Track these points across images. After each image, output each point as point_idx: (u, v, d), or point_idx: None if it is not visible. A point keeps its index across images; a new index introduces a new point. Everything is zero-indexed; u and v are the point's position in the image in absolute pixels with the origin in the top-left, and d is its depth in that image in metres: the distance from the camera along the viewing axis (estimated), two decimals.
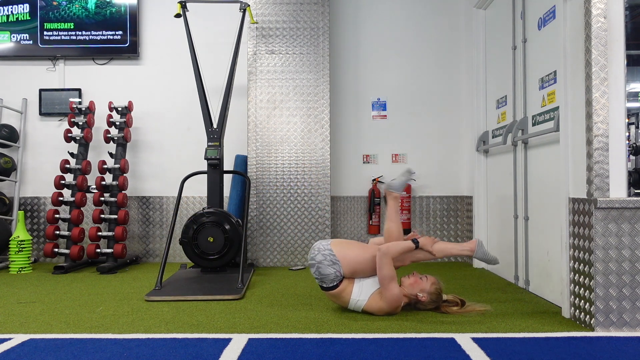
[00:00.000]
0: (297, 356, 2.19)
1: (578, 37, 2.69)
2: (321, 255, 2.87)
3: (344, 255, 2.87)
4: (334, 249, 2.89)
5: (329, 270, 2.85)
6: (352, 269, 2.87)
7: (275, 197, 4.68)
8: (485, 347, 2.30)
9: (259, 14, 4.74)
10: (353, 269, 2.88)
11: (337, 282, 2.87)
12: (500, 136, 4.04)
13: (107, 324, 2.71)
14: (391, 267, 2.78)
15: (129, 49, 5.06)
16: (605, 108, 2.54)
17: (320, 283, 2.91)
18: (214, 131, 4.17)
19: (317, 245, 2.95)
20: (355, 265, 2.87)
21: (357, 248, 2.94)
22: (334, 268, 2.85)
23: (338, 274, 2.85)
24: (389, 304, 2.81)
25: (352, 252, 2.89)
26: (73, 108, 4.86)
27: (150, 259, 5.07)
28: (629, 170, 2.61)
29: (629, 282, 2.52)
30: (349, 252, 2.89)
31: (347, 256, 2.87)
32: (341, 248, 2.91)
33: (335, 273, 2.85)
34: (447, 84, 5.11)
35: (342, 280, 2.88)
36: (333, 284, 2.87)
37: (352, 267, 2.87)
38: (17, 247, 4.41)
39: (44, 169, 5.11)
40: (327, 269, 2.85)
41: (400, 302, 2.84)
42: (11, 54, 5.09)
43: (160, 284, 3.49)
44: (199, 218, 3.92)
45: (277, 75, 4.73)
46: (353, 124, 5.11)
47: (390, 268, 2.77)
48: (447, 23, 5.12)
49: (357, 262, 2.87)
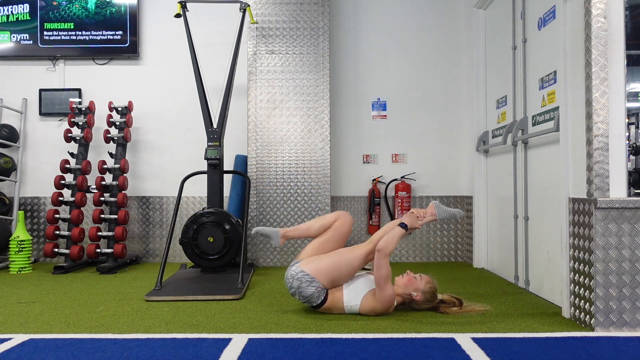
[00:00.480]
0: (297, 356, 2.19)
1: (578, 37, 2.69)
2: (296, 280, 2.82)
3: (317, 270, 2.81)
4: (305, 268, 2.83)
5: (310, 291, 2.81)
6: (329, 279, 2.82)
7: (275, 197, 4.69)
8: (485, 347, 2.30)
9: (259, 14, 4.74)
10: (331, 279, 2.83)
11: (323, 297, 2.84)
12: (500, 136, 4.04)
13: (107, 324, 2.71)
14: (389, 266, 2.75)
15: (129, 49, 5.07)
16: (605, 108, 2.54)
17: (309, 304, 2.88)
18: (214, 131, 4.17)
19: (288, 273, 2.88)
20: (331, 275, 2.82)
21: (328, 257, 2.88)
22: (313, 286, 2.81)
23: (320, 288, 2.82)
24: (382, 304, 2.79)
25: (323, 264, 2.83)
26: (73, 108, 4.86)
27: (150, 259, 5.07)
28: (629, 170, 2.61)
29: (629, 282, 2.52)
30: (320, 265, 2.83)
31: (320, 269, 2.81)
32: (312, 264, 2.84)
33: (316, 289, 2.81)
34: (447, 83, 5.11)
35: (328, 293, 2.85)
36: (320, 300, 2.84)
37: (329, 278, 2.82)
38: (17, 247, 4.41)
39: (44, 169, 5.11)
40: (307, 290, 2.81)
41: (393, 302, 2.82)
42: (11, 54, 5.09)
43: (160, 284, 3.49)
44: (199, 218, 3.92)
45: (277, 75, 4.74)
46: (353, 124, 5.11)
47: (388, 267, 2.74)
48: (447, 23, 5.12)
49: (332, 270, 2.82)
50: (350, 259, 2.85)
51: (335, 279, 2.84)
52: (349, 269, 2.84)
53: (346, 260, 2.84)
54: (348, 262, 2.84)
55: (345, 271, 2.84)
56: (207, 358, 2.17)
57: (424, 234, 5.02)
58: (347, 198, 5.06)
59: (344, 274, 2.84)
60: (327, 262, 2.84)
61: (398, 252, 5.01)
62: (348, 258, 2.85)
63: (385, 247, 2.73)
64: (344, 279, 2.87)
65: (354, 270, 2.86)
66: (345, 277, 2.86)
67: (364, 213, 5.05)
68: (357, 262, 2.85)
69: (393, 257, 5.01)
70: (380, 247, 2.73)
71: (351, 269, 2.85)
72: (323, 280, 2.82)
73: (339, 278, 2.85)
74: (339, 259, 2.85)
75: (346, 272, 2.84)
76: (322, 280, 2.81)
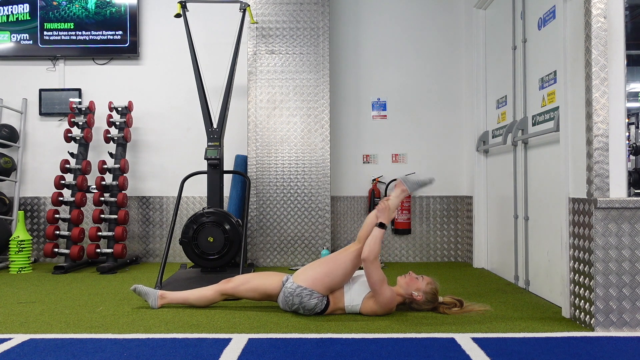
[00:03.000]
0: (297, 356, 2.19)
1: (578, 37, 2.69)
2: (296, 297, 2.82)
3: (313, 280, 2.81)
4: (299, 282, 2.83)
5: (312, 302, 2.81)
6: (327, 287, 2.83)
7: (275, 197, 4.69)
8: (485, 347, 2.30)
9: (259, 14, 4.74)
10: (328, 287, 2.83)
11: (326, 302, 2.84)
12: (500, 136, 4.04)
13: (107, 324, 2.71)
14: (379, 270, 2.75)
15: (129, 49, 5.07)
16: (605, 108, 2.54)
17: (315, 314, 2.86)
18: (214, 131, 4.17)
19: (285, 291, 2.85)
20: (328, 282, 2.82)
21: (318, 266, 2.88)
22: (315, 296, 2.81)
23: (320, 297, 2.82)
24: (382, 307, 2.80)
25: (318, 273, 2.82)
26: (73, 108, 4.86)
27: (150, 259, 5.07)
28: (629, 170, 2.61)
29: (629, 282, 2.52)
30: (315, 275, 2.82)
31: (316, 279, 2.81)
32: (304, 277, 2.84)
33: (318, 299, 2.82)
34: (447, 83, 5.11)
35: (329, 299, 2.86)
36: (323, 305, 2.84)
37: (326, 286, 2.82)
38: (17, 247, 4.41)
39: (44, 169, 5.11)
40: (310, 303, 2.81)
41: (394, 303, 2.83)
42: (11, 54, 5.09)
43: (160, 284, 3.49)
44: (199, 218, 3.92)
45: (277, 75, 4.74)
46: (353, 124, 5.11)
47: (379, 271, 2.75)
48: (447, 23, 5.12)
49: (328, 278, 2.81)
50: (343, 262, 2.85)
51: (333, 285, 2.84)
52: (344, 273, 2.84)
53: (339, 265, 2.84)
54: (341, 266, 2.84)
55: (341, 276, 2.84)
56: (207, 358, 2.17)
57: (424, 234, 5.02)
58: (347, 198, 5.06)
59: (339, 279, 2.84)
60: (321, 271, 2.83)
61: (398, 252, 5.02)
62: (340, 262, 2.85)
63: (369, 254, 2.74)
64: (341, 283, 2.88)
65: (349, 273, 2.86)
66: (342, 281, 2.87)
67: (364, 213, 5.05)
68: (350, 265, 2.85)
69: (393, 258, 5.02)
70: (365, 256, 2.74)
71: (347, 273, 2.85)
72: (321, 289, 2.82)
73: (336, 284, 2.85)
74: (332, 266, 2.84)
75: (342, 277, 2.85)
76: (320, 289, 2.82)
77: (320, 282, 2.81)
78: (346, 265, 2.84)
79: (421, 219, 5.04)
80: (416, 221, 5.03)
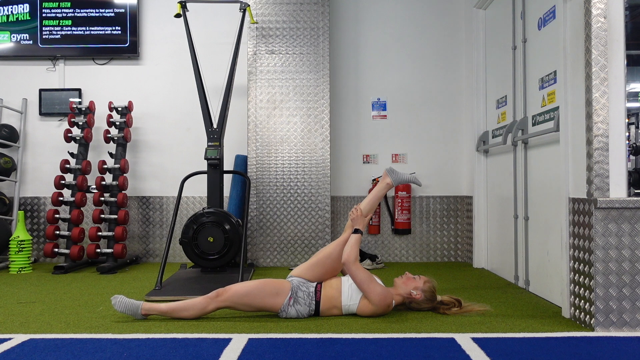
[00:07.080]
0: (297, 356, 2.19)
1: (578, 37, 2.69)
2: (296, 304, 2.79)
3: (301, 269, 2.89)
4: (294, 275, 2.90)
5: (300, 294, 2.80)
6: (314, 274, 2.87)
7: (275, 197, 4.69)
8: (485, 347, 2.30)
9: (259, 14, 4.74)
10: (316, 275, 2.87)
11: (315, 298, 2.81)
12: (500, 136, 4.04)
13: (107, 324, 2.71)
14: (362, 269, 2.77)
15: (129, 48, 5.07)
16: (605, 108, 2.54)
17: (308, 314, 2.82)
18: (214, 131, 4.17)
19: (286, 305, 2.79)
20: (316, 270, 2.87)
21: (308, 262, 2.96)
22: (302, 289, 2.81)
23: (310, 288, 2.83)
24: (377, 303, 2.76)
25: (307, 263, 2.92)
26: (73, 108, 4.86)
27: (150, 259, 5.07)
28: (629, 170, 2.61)
29: (629, 282, 2.52)
30: (305, 265, 2.92)
31: (304, 267, 2.90)
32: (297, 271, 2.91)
33: (305, 292, 2.81)
34: (447, 83, 5.11)
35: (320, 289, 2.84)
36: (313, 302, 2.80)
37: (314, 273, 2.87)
38: (17, 247, 4.41)
39: (44, 169, 5.11)
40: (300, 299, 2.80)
41: (390, 299, 2.80)
42: (11, 54, 5.09)
43: (160, 284, 3.49)
44: (199, 218, 3.92)
45: (277, 75, 4.74)
46: (353, 124, 5.11)
47: (361, 271, 2.76)
48: (447, 23, 5.12)
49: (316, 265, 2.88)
50: (329, 250, 2.92)
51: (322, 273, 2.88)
52: (333, 261, 2.88)
53: (326, 253, 2.91)
54: (328, 254, 2.91)
55: (330, 264, 2.88)
56: (207, 358, 2.17)
57: (424, 234, 5.02)
58: (347, 198, 5.06)
59: (328, 265, 2.88)
60: (311, 261, 2.94)
61: (398, 252, 5.02)
62: (327, 250, 2.93)
63: (348, 257, 2.80)
64: (331, 271, 2.90)
65: (336, 259, 2.88)
66: (330, 268, 2.89)
67: None
68: (336, 251, 2.90)
69: (393, 258, 5.02)
70: (344, 259, 2.80)
71: (334, 259, 2.88)
72: (309, 276, 2.86)
73: (325, 271, 2.89)
74: (320, 254, 2.93)
75: (330, 265, 2.88)
76: (308, 276, 2.86)
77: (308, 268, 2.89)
78: (332, 252, 2.90)
79: (421, 219, 5.04)
80: (416, 221, 5.03)
